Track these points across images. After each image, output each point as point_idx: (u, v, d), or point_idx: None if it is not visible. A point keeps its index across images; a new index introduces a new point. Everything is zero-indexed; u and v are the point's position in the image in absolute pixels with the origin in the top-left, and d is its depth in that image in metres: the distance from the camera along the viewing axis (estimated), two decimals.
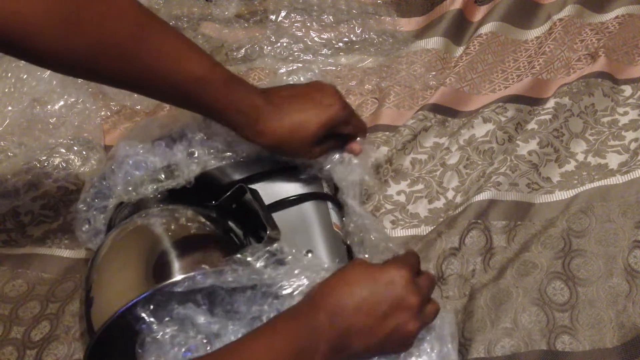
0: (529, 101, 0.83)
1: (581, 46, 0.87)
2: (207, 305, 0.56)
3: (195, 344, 0.54)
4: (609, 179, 0.72)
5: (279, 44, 1.00)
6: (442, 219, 0.73)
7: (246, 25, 1.07)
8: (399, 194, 0.77)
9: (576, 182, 0.72)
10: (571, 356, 0.59)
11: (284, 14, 1.04)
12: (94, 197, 0.67)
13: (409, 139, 0.81)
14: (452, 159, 0.79)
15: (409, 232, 0.73)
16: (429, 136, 0.82)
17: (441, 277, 0.67)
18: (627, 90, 0.80)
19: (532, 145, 0.76)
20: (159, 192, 0.65)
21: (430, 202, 0.76)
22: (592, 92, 0.80)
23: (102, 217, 0.67)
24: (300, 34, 1.01)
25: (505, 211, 0.71)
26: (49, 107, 0.92)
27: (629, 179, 0.71)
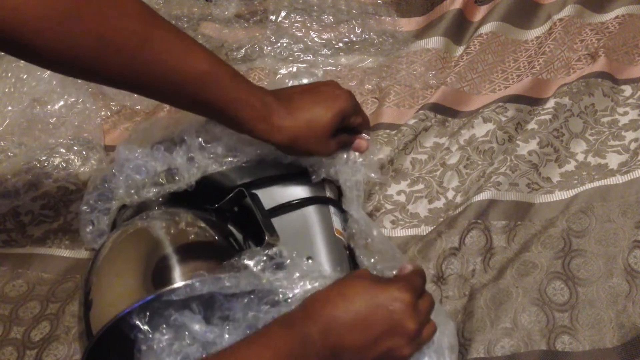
0: (529, 101, 0.83)
1: (581, 46, 0.87)
2: (202, 312, 0.56)
3: (190, 352, 0.53)
4: (609, 179, 0.72)
5: (279, 44, 1.00)
6: (442, 219, 0.73)
7: (246, 25, 1.07)
8: (399, 193, 0.77)
9: (576, 182, 0.72)
10: (571, 356, 0.59)
11: (284, 14, 1.04)
12: (97, 200, 0.67)
13: (409, 138, 0.81)
14: (452, 158, 0.79)
15: (409, 232, 0.73)
16: (429, 136, 0.82)
17: (441, 277, 0.67)
18: (627, 90, 0.80)
19: (532, 145, 0.76)
20: (161, 195, 0.65)
21: (430, 202, 0.76)
22: (592, 92, 0.80)
23: (105, 218, 0.67)
24: (300, 34, 1.01)
25: (505, 211, 0.71)
26: (49, 107, 0.92)
27: (629, 179, 0.71)
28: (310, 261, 0.61)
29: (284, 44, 1.00)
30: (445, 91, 0.86)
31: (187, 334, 0.54)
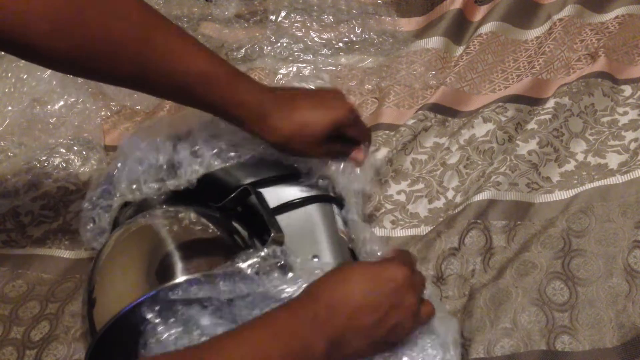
0: (529, 101, 0.83)
1: (581, 46, 0.87)
2: (212, 305, 0.55)
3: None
4: (608, 179, 0.72)
5: (279, 44, 1.00)
6: (442, 219, 0.73)
7: (246, 25, 1.07)
8: (399, 193, 0.77)
9: (576, 182, 0.72)
10: (571, 356, 0.59)
11: (284, 14, 1.04)
12: (99, 196, 0.67)
13: (409, 139, 0.81)
14: (453, 158, 0.79)
15: (409, 232, 0.73)
16: (429, 136, 0.82)
17: (441, 277, 0.67)
18: (627, 90, 0.80)
19: (532, 145, 0.76)
20: (163, 192, 0.64)
21: (430, 201, 0.76)
22: (592, 92, 0.80)
23: (107, 215, 0.66)
24: (300, 34, 1.01)
25: (505, 211, 0.71)
26: (49, 107, 0.92)
27: (629, 178, 0.71)
28: (316, 259, 0.61)
29: (284, 44, 1.00)
30: (445, 91, 0.86)
31: (196, 327, 0.54)
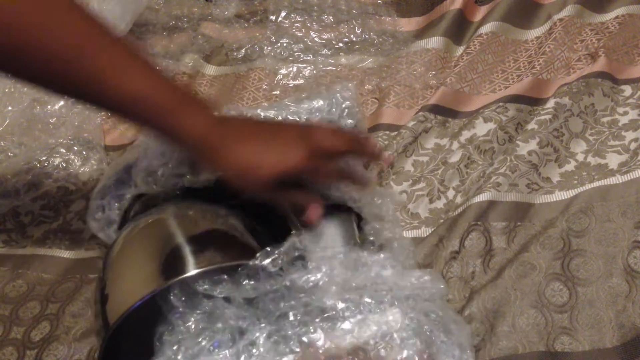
0: (529, 101, 0.83)
1: (581, 46, 0.87)
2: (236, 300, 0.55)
3: (220, 339, 0.53)
4: (608, 179, 0.72)
5: (279, 44, 1.00)
6: (442, 220, 0.73)
7: (246, 25, 1.07)
8: (400, 194, 0.77)
9: (576, 182, 0.72)
10: (571, 356, 0.59)
11: (284, 14, 1.04)
12: (113, 185, 0.66)
13: (409, 141, 0.81)
14: (454, 157, 0.78)
15: (410, 233, 0.73)
16: (430, 137, 0.82)
17: None
18: (627, 90, 0.80)
19: (532, 145, 0.76)
20: (179, 187, 0.63)
21: (431, 201, 0.75)
22: (592, 92, 0.80)
23: (117, 205, 0.66)
24: (300, 34, 1.01)
25: (505, 212, 0.71)
26: (49, 107, 0.92)
27: (629, 179, 0.71)
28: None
29: (284, 44, 1.00)
30: (445, 92, 0.86)
31: (218, 318, 0.54)
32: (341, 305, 0.54)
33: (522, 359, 0.59)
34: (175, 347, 0.52)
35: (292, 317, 0.53)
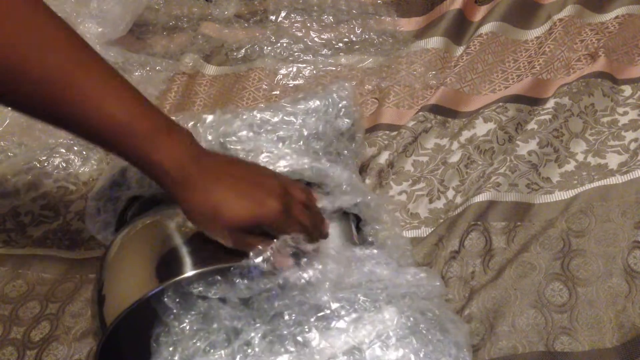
0: (529, 101, 0.83)
1: (581, 46, 0.87)
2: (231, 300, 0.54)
3: (215, 340, 0.53)
4: (608, 179, 0.72)
5: (279, 44, 1.00)
6: (442, 220, 0.73)
7: (246, 25, 1.07)
8: (400, 194, 0.77)
9: (576, 182, 0.72)
10: (570, 356, 0.59)
11: (284, 14, 1.04)
12: (109, 187, 0.66)
13: (409, 141, 0.81)
14: (454, 157, 0.79)
15: (409, 233, 0.73)
16: (430, 137, 0.82)
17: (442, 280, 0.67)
18: (627, 90, 0.80)
19: (532, 145, 0.76)
20: None
21: (431, 201, 0.76)
22: (592, 92, 0.80)
23: (112, 207, 0.66)
24: (300, 34, 1.01)
25: (504, 212, 0.71)
26: None
27: (629, 179, 0.71)
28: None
29: (284, 44, 1.00)
30: (444, 92, 0.86)
31: (213, 319, 0.54)
32: (336, 304, 0.54)
33: (521, 359, 0.59)
34: (171, 349, 0.53)
35: (287, 317, 0.53)
